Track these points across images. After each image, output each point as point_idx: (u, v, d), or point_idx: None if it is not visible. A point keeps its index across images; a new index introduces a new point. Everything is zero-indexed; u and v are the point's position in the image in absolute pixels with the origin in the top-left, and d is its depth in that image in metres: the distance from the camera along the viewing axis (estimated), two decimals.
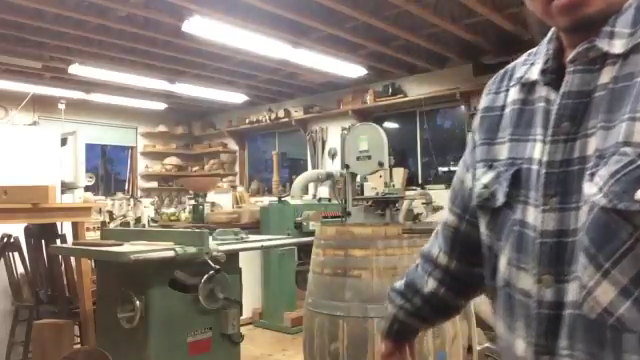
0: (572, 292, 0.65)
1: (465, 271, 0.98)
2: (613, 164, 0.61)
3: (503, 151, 0.79)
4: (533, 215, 0.70)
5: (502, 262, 0.76)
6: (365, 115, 7.79)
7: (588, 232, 0.63)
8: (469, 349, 2.39)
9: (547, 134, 0.70)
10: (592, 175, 0.63)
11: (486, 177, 0.80)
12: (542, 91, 0.74)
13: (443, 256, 1.00)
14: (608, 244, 0.60)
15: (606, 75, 0.66)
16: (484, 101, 0.87)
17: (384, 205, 4.56)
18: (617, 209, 0.59)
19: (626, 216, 0.59)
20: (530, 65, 0.79)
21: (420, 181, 7.41)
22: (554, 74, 0.73)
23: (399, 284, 1.09)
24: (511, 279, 0.74)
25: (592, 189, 0.63)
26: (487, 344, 2.99)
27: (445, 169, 7.30)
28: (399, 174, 6.87)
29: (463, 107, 6.89)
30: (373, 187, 5.34)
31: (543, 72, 0.75)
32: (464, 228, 0.94)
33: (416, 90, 7.23)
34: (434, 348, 2.22)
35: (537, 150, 0.71)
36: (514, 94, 0.80)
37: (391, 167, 4.46)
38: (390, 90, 7.41)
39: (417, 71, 7.15)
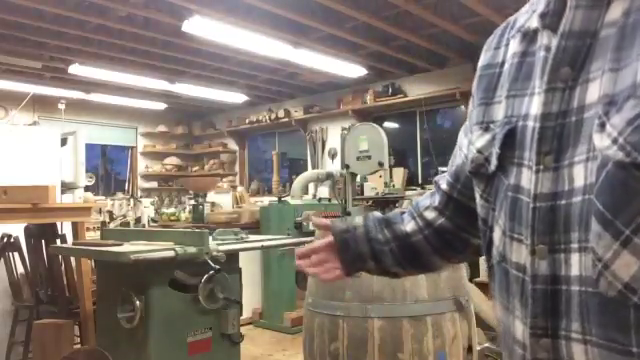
0: (577, 265, 0.56)
1: (451, 230, 0.90)
2: (629, 110, 0.51)
3: (500, 110, 0.69)
4: (528, 178, 0.61)
5: (496, 233, 0.69)
6: (365, 115, 7.79)
7: (600, 194, 0.53)
8: (469, 349, 2.38)
9: (543, 82, 0.60)
10: (602, 125, 0.53)
11: (480, 141, 0.72)
12: (544, 38, 0.63)
13: (433, 210, 0.91)
14: (627, 206, 0.51)
15: (615, 10, 0.56)
16: (483, 59, 0.78)
17: (384, 205, 4.56)
18: (637, 163, 0.50)
19: None
20: (532, 12, 0.68)
21: (420, 181, 7.41)
22: (556, 16, 0.62)
23: (377, 214, 0.98)
24: (506, 252, 0.66)
25: (604, 141, 0.52)
26: (487, 344, 2.99)
27: (445, 169, 7.28)
28: (399, 174, 6.88)
29: (463, 107, 6.89)
30: (373, 187, 5.34)
31: (543, 15, 0.64)
32: (456, 196, 0.88)
33: (416, 90, 7.23)
34: (434, 348, 2.22)
35: (534, 104, 0.62)
36: (514, 46, 0.70)
37: (391, 167, 4.46)
38: (390, 90, 7.41)
39: (417, 71, 7.15)
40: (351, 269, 0.96)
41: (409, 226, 0.93)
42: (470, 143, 0.75)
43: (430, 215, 0.91)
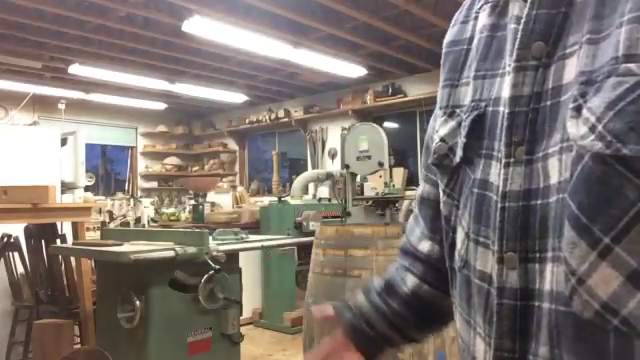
0: (550, 278, 0.47)
1: None
2: (610, 90, 0.42)
3: (467, 94, 0.61)
4: (497, 172, 0.53)
5: (459, 235, 0.60)
6: (365, 115, 7.80)
7: (575, 193, 0.44)
8: None
9: (512, 60, 0.52)
10: (578, 109, 0.44)
11: (444, 128, 0.63)
12: (515, 8, 0.54)
13: (425, 242, 0.75)
14: (608, 209, 0.42)
15: None
16: (449, 34, 0.69)
17: (384, 205, 4.56)
18: (620, 156, 0.41)
19: (634, 166, 0.41)
20: None
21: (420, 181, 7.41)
22: None
23: (377, 280, 0.80)
24: (469, 257, 0.57)
25: (580, 129, 0.44)
26: None
27: None
28: (399, 174, 6.88)
29: None
30: (373, 187, 5.35)
31: None
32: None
33: (416, 90, 7.23)
34: (434, 348, 2.22)
35: (506, 87, 0.53)
36: (483, 19, 0.61)
37: (391, 167, 4.46)
38: (390, 90, 7.42)
39: (417, 71, 7.15)
40: (375, 355, 0.78)
41: (410, 282, 0.76)
42: (434, 131, 0.67)
43: (425, 247, 0.75)
